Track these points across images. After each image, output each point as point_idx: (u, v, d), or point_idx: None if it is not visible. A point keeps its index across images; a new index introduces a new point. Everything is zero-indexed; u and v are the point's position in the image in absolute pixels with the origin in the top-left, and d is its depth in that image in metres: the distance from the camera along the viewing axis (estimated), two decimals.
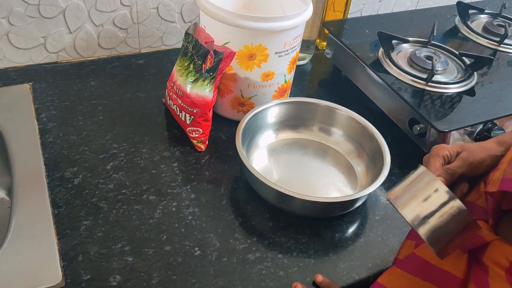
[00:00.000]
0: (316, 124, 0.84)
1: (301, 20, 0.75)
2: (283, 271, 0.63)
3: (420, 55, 0.91)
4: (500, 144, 0.58)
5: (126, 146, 0.79)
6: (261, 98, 0.82)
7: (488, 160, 0.56)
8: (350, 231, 0.70)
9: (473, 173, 0.56)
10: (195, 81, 0.76)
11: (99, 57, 0.98)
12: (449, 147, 0.57)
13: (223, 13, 0.72)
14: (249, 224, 0.69)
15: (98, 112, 0.85)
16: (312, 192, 0.73)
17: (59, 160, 0.74)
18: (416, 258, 0.56)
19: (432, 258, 0.54)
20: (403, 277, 0.56)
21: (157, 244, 0.65)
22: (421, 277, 0.54)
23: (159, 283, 0.60)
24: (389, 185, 0.78)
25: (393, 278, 0.57)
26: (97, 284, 0.59)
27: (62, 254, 0.62)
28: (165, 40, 1.03)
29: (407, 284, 0.55)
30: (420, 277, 0.54)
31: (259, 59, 0.77)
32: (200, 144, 0.80)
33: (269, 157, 0.81)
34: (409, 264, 0.56)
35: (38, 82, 0.89)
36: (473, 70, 0.90)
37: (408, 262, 0.57)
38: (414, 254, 0.56)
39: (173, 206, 0.70)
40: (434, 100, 0.83)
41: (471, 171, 0.56)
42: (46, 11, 0.88)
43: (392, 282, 0.57)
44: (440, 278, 0.52)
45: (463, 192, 0.55)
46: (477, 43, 1.05)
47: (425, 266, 0.54)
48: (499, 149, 0.57)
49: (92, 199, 0.69)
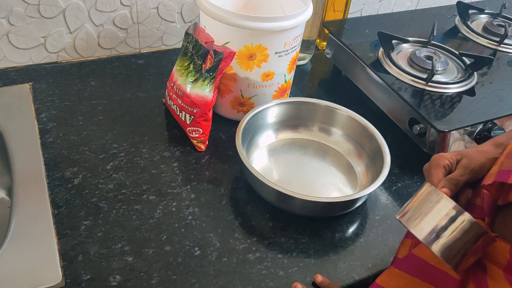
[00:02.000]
0: (316, 124, 0.84)
1: (301, 20, 0.75)
2: (283, 271, 0.63)
3: (420, 55, 0.91)
4: (497, 146, 0.58)
5: (126, 146, 0.79)
6: (261, 98, 0.82)
7: (488, 164, 0.56)
8: (350, 231, 0.70)
9: (475, 178, 0.56)
10: (195, 81, 0.76)
11: (99, 57, 0.98)
12: (448, 156, 0.57)
13: (223, 13, 0.72)
14: (249, 224, 0.69)
15: (98, 112, 0.85)
16: (312, 192, 0.74)
17: (59, 160, 0.74)
18: (415, 258, 0.55)
19: (430, 258, 0.54)
20: (401, 278, 0.55)
21: (157, 244, 0.65)
22: (420, 277, 0.54)
23: (159, 283, 0.60)
24: (389, 185, 0.78)
25: (392, 279, 0.57)
26: (97, 284, 0.59)
27: (62, 254, 0.62)
28: (165, 40, 1.03)
29: (405, 284, 0.55)
30: (418, 277, 0.54)
31: (259, 59, 0.77)
32: (200, 144, 0.80)
33: (269, 157, 0.81)
34: (407, 264, 0.56)
35: (38, 82, 0.89)
36: (473, 70, 0.90)
37: (407, 262, 0.57)
38: (412, 254, 0.56)
39: (173, 206, 0.70)
40: (434, 100, 0.83)
41: (473, 177, 0.56)
42: (46, 11, 0.88)
43: (390, 283, 0.57)
44: (438, 278, 0.52)
45: (468, 198, 0.56)
46: (477, 43, 1.05)
47: (424, 266, 0.54)
48: (497, 151, 0.57)
49: (92, 199, 0.69)
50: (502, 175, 0.48)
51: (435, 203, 0.48)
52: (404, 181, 0.79)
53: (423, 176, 0.80)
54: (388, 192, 0.77)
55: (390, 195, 0.77)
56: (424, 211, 0.49)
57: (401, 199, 0.76)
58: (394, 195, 0.77)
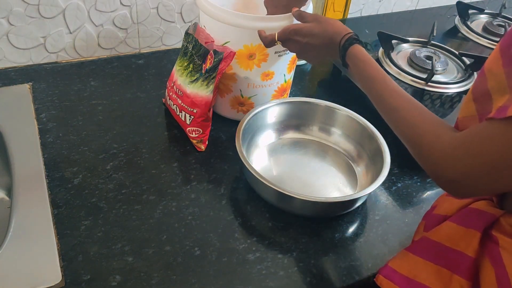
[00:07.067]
0: (316, 124, 0.84)
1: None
2: (283, 271, 0.63)
3: (420, 55, 0.91)
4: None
5: (126, 146, 0.79)
6: (261, 97, 0.82)
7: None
8: (350, 231, 0.70)
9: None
10: (195, 81, 0.76)
11: (99, 57, 0.98)
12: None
13: (223, 13, 0.72)
14: (249, 224, 0.69)
15: (98, 112, 0.85)
16: (312, 192, 0.74)
17: (59, 160, 0.74)
18: (428, 241, 0.57)
19: (445, 239, 0.55)
20: (414, 262, 0.57)
21: (157, 244, 0.65)
22: (433, 260, 0.55)
23: (159, 283, 0.60)
24: (388, 185, 0.78)
25: (404, 262, 0.58)
26: (97, 284, 0.59)
27: (62, 254, 0.62)
28: (165, 40, 1.03)
29: (418, 268, 0.56)
30: (431, 261, 0.56)
31: (259, 59, 0.77)
32: (200, 144, 0.79)
33: (269, 157, 0.81)
34: (420, 248, 0.57)
35: (38, 82, 0.89)
36: (473, 70, 0.90)
37: (420, 246, 0.58)
38: (426, 237, 0.57)
39: (173, 206, 0.70)
40: (434, 100, 0.83)
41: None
42: (46, 11, 0.88)
43: (402, 266, 0.57)
44: (452, 259, 0.54)
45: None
46: (477, 43, 1.05)
47: (437, 248, 0.55)
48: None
49: (92, 199, 0.69)
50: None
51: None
52: (404, 181, 0.79)
53: (423, 176, 0.80)
54: (388, 192, 0.77)
55: (390, 195, 0.77)
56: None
57: (401, 199, 0.76)
58: (394, 195, 0.77)
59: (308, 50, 0.69)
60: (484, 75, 0.49)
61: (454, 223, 0.55)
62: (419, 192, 0.77)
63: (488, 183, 0.46)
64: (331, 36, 0.66)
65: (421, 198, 0.77)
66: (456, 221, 0.55)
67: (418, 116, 0.54)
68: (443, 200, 0.62)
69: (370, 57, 0.63)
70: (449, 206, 0.59)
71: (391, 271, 0.58)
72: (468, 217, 0.55)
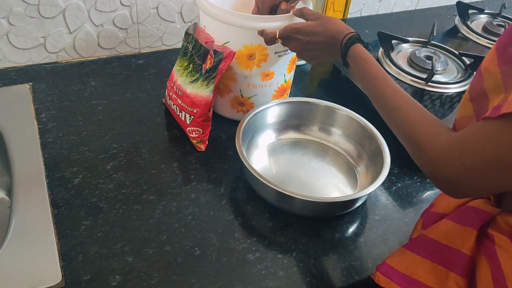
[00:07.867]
0: (316, 124, 0.84)
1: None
2: (283, 271, 0.63)
3: (420, 55, 0.91)
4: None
5: (126, 146, 0.79)
6: (261, 98, 0.82)
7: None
8: (350, 231, 0.70)
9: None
10: (195, 81, 0.76)
11: (99, 57, 0.98)
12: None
13: (223, 13, 0.72)
14: (249, 224, 0.69)
15: (98, 112, 0.85)
16: (312, 192, 0.74)
17: (59, 160, 0.74)
18: (425, 239, 0.57)
19: (442, 237, 0.55)
20: (411, 259, 0.57)
21: (157, 244, 0.65)
22: (430, 258, 0.56)
23: (159, 283, 0.60)
24: (388, 185, 0.78)
25: (401, 259, 0.58)
26: (97, 284, 0.59)
27: (62, 254, 0.62)
28: (165, 40, 1.03)
29: (415, 266, 0.56)
30: (428, 258, 0.56)
31: (259, 59, 0.77)
32: (200, 144, 0.79)
33: (269, 157, 0.81)
34: (418, 246, 0.58)
35: (38, 82, 0.89)
36: (473, 70, 0.90)
37: (417, 243, 0.58)
38: (423, 235, 0.58)
39: (173, 206, 0.70)
40: (434, 100, 0.83)
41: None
42: (46, 11, 0.88)
43: (399, 263, 0.58)
44: (449, 257, 0.54)
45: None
46: (477, 43, 1.05)
47: (434, 245, 0.56)
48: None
49: (92, 199, 0.69)
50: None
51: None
52: (404, 181, 0.79)
53: (423, 176, 0.80)
54: (388, 192, 0.77)
55: (390, 195, 0.77)
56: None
57: (401, 199, 0.76)
58: (394, 195, 0.77)
59: (309, 49, 0.69)
60: (481, 75, 0.49)
61: (451, 221, 0.55)
62: (419, 192, 0.77)
63: (485, 183, 0.46)
64: (333, 35, 0.66)
65: (421, 198, 0.77)
66: (453, 219, 0.56)
67: (418, 116, 0.54)
68: (441, 198, 0.63)
69: (371, 57, 0.63)
70: (446, 204, 0.60)
71: (388, 268, 0.58)
72: (465, 215, 0.55)
